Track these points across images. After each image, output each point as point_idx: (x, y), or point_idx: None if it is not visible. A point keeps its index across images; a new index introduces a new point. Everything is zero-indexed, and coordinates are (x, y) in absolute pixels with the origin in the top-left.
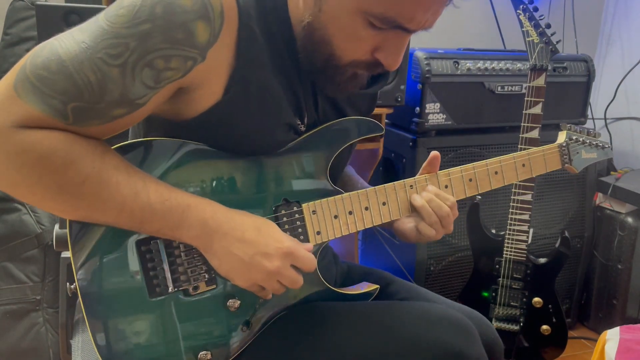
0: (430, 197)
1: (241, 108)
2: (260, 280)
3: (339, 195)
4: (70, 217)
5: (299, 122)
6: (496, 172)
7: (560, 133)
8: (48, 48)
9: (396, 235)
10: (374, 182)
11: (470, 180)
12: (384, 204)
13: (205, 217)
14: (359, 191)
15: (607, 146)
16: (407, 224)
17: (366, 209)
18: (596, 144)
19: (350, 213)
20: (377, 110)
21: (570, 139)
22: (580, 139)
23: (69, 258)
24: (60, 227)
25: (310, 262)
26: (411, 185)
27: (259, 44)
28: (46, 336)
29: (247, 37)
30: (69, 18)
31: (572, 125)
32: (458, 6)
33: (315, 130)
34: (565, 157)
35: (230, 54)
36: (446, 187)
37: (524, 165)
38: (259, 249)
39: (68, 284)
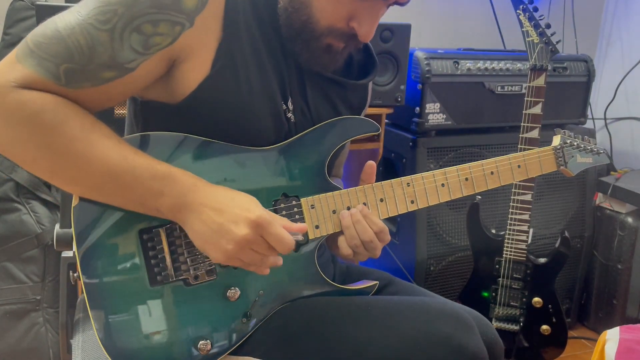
0: (358, 218)
1: (228, 82)
2: (232, 251)
3: (338, 191)
4: (60, 179)
5: (284, 105)
6: (492, 173)
7: (554, 137)
8: (48, 20)
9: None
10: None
11: (467, 179)
12: (381, 200)
13: (186, 186)
14: (357, 187)
15: (602, 151)
16: (344, 250)
17: (364, 204)
18: (590, 149)
19: (348, 208)
20: (376, 110)
21: (565, 143)
22: (575, 144)
23: (69, 258)
24: (61, 227)
25: (285, 241)
26: (408, 183)
27: (245, 16)
28: (46, 336)
29: (233, 8)
30: None
31: (567, 131)
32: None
33: (313, 128)
34: (560, 159)
35: (218, 25)
36: (443, 185)
37: (519, 166)
38: (227, 217)
39: (71, 272)
